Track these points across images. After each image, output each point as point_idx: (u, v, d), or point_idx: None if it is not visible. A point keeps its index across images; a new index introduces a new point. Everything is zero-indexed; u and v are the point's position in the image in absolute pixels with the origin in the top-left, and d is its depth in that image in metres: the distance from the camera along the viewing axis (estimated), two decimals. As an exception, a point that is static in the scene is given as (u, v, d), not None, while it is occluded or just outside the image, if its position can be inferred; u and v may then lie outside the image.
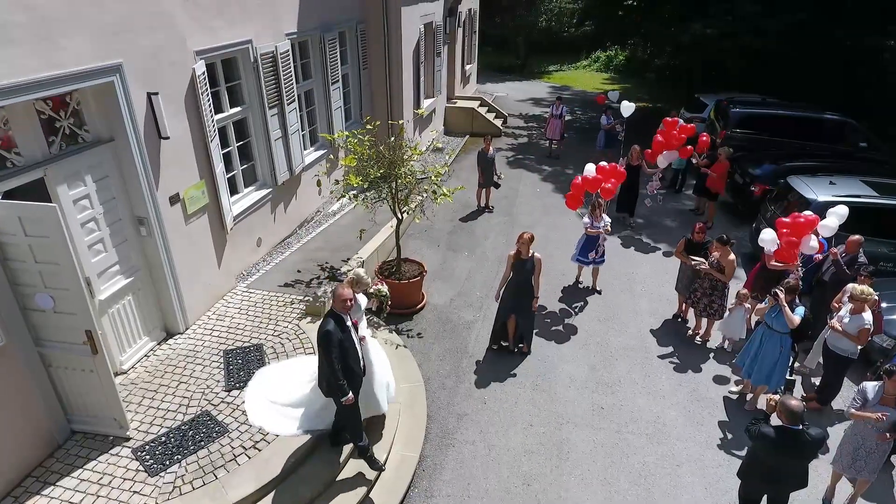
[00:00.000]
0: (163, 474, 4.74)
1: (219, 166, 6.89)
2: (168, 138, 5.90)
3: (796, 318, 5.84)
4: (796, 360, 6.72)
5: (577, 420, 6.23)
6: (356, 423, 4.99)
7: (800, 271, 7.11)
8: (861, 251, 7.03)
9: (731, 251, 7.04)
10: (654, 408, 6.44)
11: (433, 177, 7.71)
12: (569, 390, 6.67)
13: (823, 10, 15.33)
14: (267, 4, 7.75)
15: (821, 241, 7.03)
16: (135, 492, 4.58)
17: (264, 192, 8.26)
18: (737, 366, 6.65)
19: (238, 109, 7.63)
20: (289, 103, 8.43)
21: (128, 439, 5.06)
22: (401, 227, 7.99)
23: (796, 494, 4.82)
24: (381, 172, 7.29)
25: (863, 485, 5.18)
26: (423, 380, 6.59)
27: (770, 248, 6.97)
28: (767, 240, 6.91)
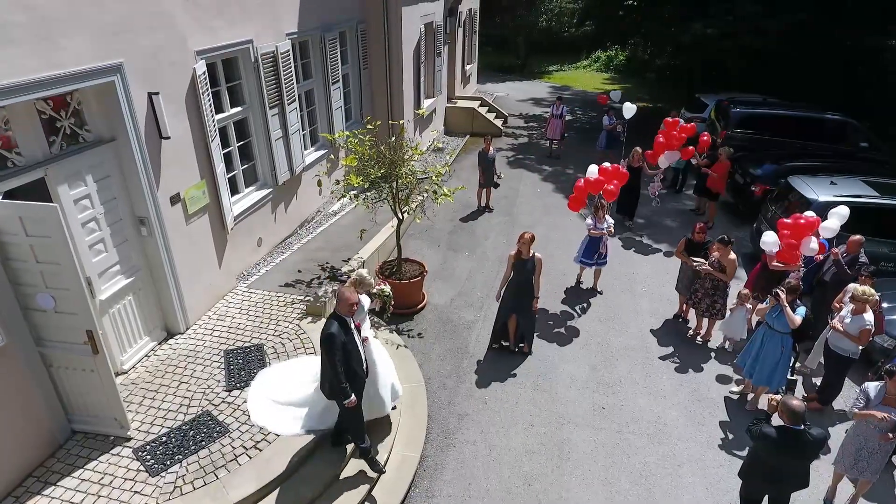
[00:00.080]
0: (164, 474, 4.74)
1: (219, 166, 6.89)
2: (169, 138, 5.90)
3: (797, 319, 5.84)
4: (797, 361, 6.72)
5: (577, 420, 6.23)
6: (358, 425, 4.99)
7: (800, 271, 7.12)
8: (862, 251, 7.04)
9: (731, 251, 7.04)
10: (654, 408, 6.44)
11: (434, 177, 7.71)
12: (570, 390, 6.67)
13: (824, 10, 15.33)
14: (267, 4, 7.75)
15: (822, 242, 7.03)
16: (136, 492, 4.58)
17: (265, 192, 8.26)
18: (738, 366, 6.65)
19: (239, 109, 7.62)
20: (289, 103, 8.42)
21: (129, 439, 5.06)
22: (401, 227, 7.99)
23: (797, 494, 4.82)
24: (382, 172, 7.29)
25: (864, 485, 5.19)
26: (424, 380, 6.59)
27: (772, 250, 6.97)
28: (769, 242, 6.90)
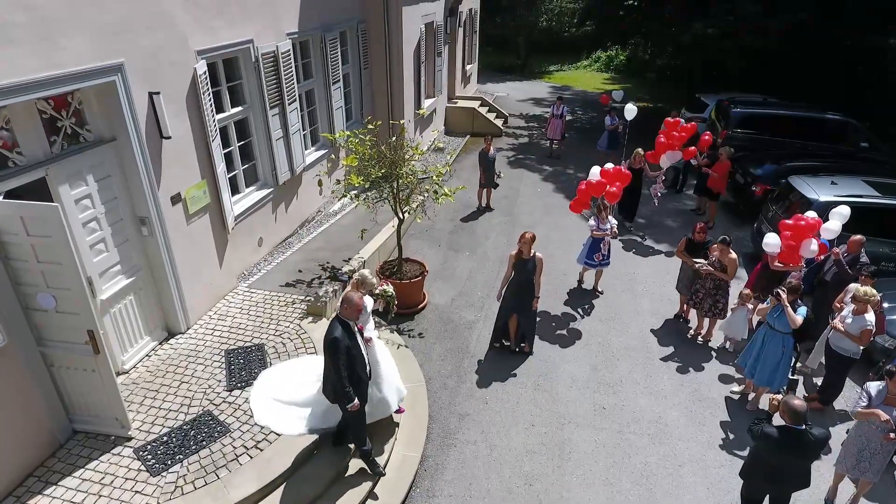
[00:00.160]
0: (164, 474, 4.74)
1: (220, 166, 6.89)
2: (169, 138, 5.90)
3: (799, 319, 5.84)
4: (798, 360, 6.72)
5: (578, 420, 6.22)
6: (361, 429, 4.99)
7: (802, 271, 7.11)
8: (863, 251, 7.03)
9: (731, 250, 7.04)
10: (655, 408, 6.44)
11: (434, 177, 7.70)
12: (570, 390, 6.67)
13: (824, 10, 15.33)
14: (267, 4, 7.74)
15: (822, 243, 7.02)
16: (137, 491, 4.58)
17: (265, 191, 8.26)
18: (739, 366, 6.65)
19: (239, 109, 7.62)
20: (290, 103, 8.42)
21: (129, 439, 5.06)
22: (402, 226, 7.99)
23: (798, 494, 4.82)
24: (383, 172, 7.29)
25: (865, 485, 5.18)
26: (425, 380, 6.59)
27: (774, 251, 6.97)
28: (772, 244, 6.90)
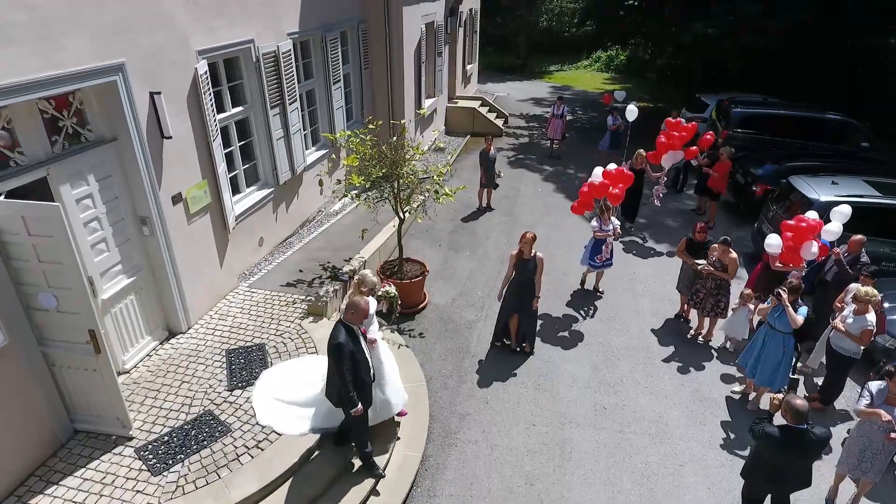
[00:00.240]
0: (166, 473, 4.75)
1: (221, 166, 6.89)
2: (170, 138, 5.90)
3: (799, 318, 5.84)
4: (799, 360, 6.72)
5: (579, 420, 6.23)
6: (363, 432, 5.00)
7: (802, 271, 7.11)
8: (863, 251, 7.03)
9: (731, 249, 7.04)
10: (656, 408, 6.44)
11: (435, 176, 7.70)
12: (571, 390, 6.67)
13: (824, 10, 15.34)
14: (267, 4, 7.74)
15: (824, 244, 7.02)
16: (138, 491, 4.59)
17: (266, 191, 8.26)
18: (740, 366, 6.65)
19: (240, 109, 7.63)
20: (291, 103, 8.42)
21: (131, 439, 5.06)
22: (402, 226, 7.99)
23: (799, 494, 4.82)
24: (384, 172, 7.29)
25: (866, 485, 5.18)
26: (426, 379, 6.59)
27: (775, 252, 6.97)
28: (773, 244, 6.90)
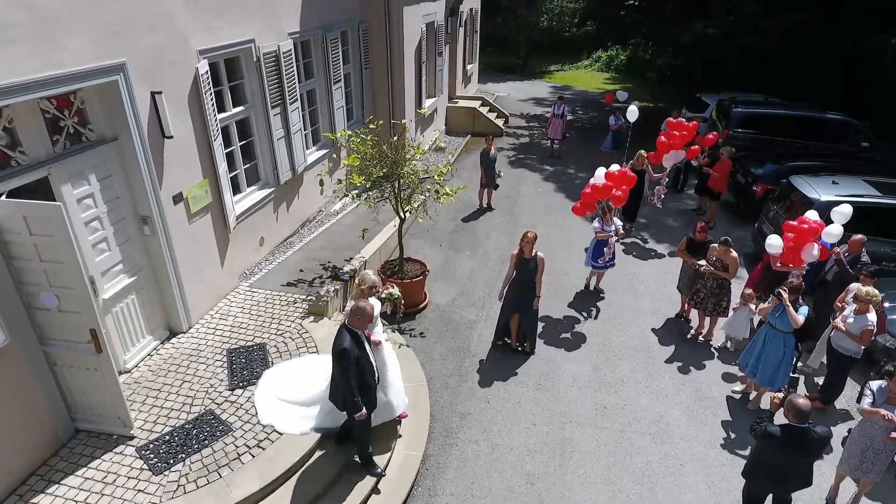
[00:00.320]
0: (167, 473, 4.75)
1: (222, 165, 6.89)
2: (171, 137, 5.91)
3: (800, 318, 5.84)
4: (799, 360, 6.72)
5: (580, 419, 6.23)
6: (365, 434, 5.01)
7: (802, 270, 7.11)
8: (864, 251, 7.04)
9: (731, 249, 7.04)
10: (657, 407, 6.44)
11: (436, 176, 7.71)
12: (572, 390, 6.67)
13: (824, 10, 15.34)
14: (267, 4, 7.74)
15: (824, 246, 7.01)
16: (139, 490, 4.59)
17: (267, 191, 8.26)
18: (740, 365, 6.65)
19: (241, 109, 7.63)
20: (291, 102, 8.43)
21: (132, 438, 5.06)
22: (403, 226, 7.99)
23: (800, 493, 4.82)
24: (384, 172, 7.29)
25: (867, 485, 5.19)
26: (426, 379, 6.60)
27: (776, 253, 6.97)
28: (775, 245, 6.90)
